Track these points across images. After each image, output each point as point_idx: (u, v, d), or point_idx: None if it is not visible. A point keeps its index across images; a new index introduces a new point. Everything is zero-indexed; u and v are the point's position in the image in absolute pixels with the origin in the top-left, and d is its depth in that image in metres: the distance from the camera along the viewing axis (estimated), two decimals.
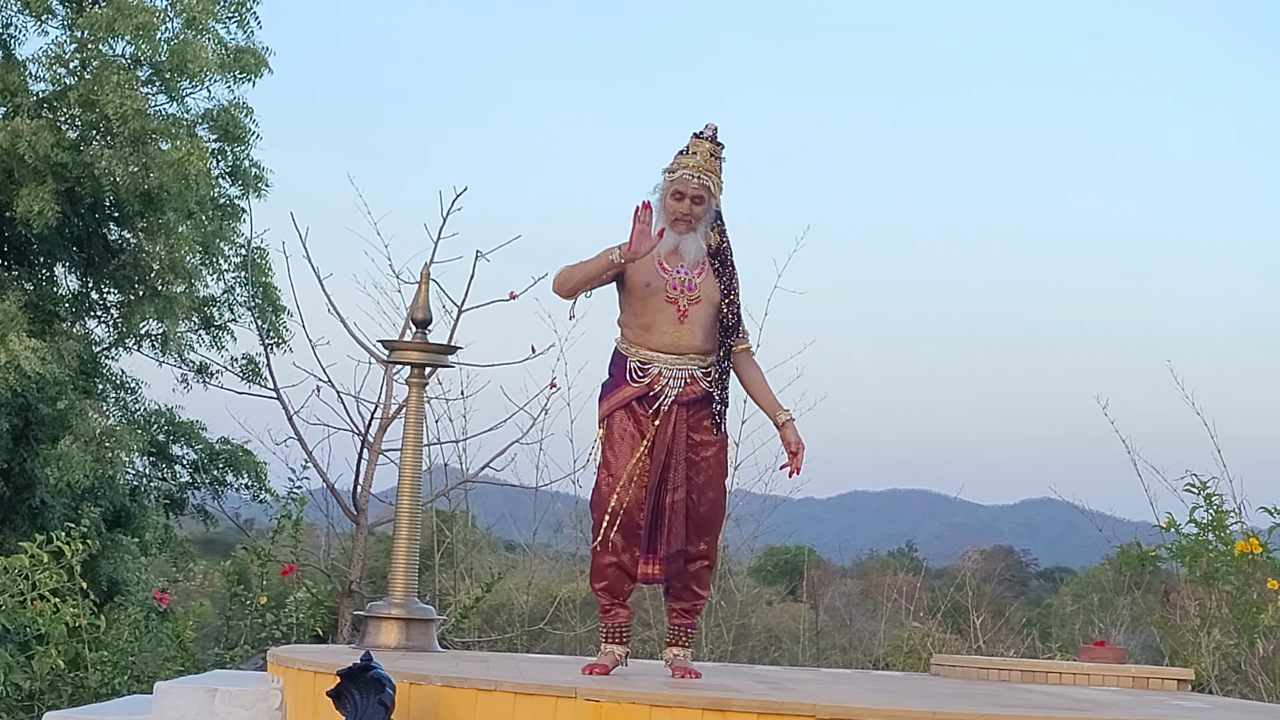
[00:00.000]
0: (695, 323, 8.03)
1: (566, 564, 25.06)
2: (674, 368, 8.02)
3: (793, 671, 10.18)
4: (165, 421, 19.80)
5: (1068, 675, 9.67)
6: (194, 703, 8.61)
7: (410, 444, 10.09)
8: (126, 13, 15.76)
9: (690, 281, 8.03)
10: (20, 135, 15.50)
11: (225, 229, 18.35)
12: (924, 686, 8.68)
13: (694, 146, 8.12)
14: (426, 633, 9.93)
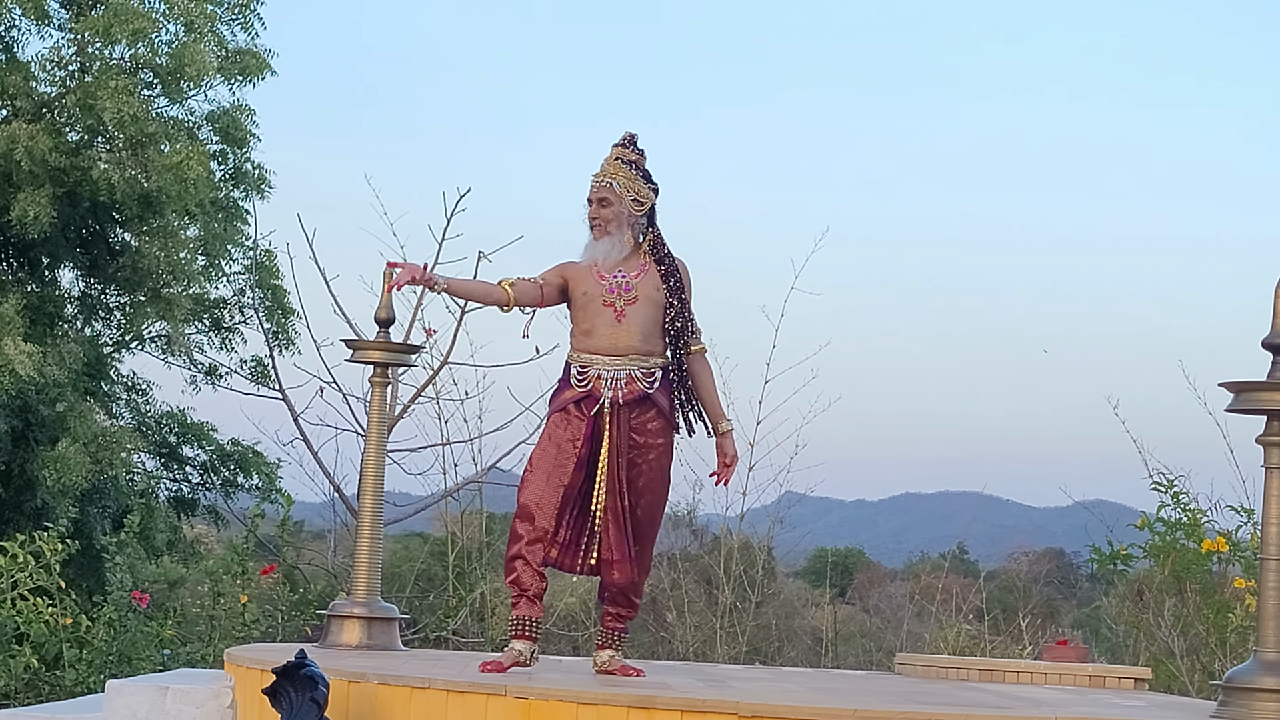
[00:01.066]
0: (633, 323, 8.02)
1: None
2: (612, 368, 8.02)
3: (755, 671, 10.18)
4: (176, 423, 19.93)
5: (1025, 674, 9.65)
6: (145, 701, 8.64)
7: (373, 443, 10.10)
8: (124, 17, 15.87)
9: (627, 283, 8.04)
10: (17, 140, 15.61)
11: (231, 231, 18.44)
12: (869, 685, 8.67)
13: (609, 154, 8.23)
14: (389, 631, 9.94)
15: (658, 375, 8.04)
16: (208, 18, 16.56)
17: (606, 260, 8.07)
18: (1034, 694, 8.28)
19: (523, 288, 8.24)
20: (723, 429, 8.17)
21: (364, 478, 10.13)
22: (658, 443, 8.05)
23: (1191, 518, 11.07)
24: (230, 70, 17.06)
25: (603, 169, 8.14)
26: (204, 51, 16.14)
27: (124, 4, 16.03)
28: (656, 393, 8.02)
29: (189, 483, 20.13)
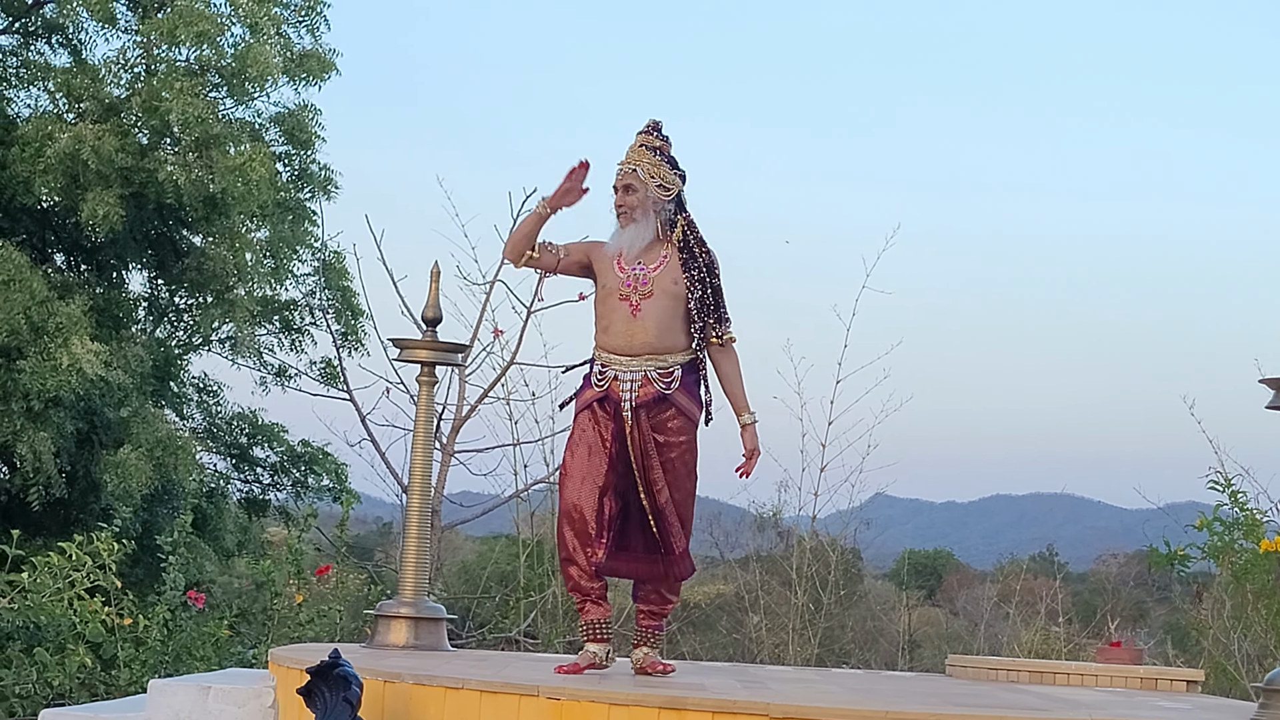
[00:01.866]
0: (649, 318, 7.88)
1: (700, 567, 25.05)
2: (628, 370, 7.91)
3: (803, 672, 10.09)
4: (247, 424, 20.03)
5: (1075, 676, 9.53)
6: (188, 700, 8.64)
7: (420, 443, 10.08)
8: (188, 19, 15.94)
9: (643, 277, 7.90)
10: (84, 140, 15.70)
11: (299, 233, 18.50)
12: (913, 687, 8.57)
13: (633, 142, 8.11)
14: (436, 631, 9.92)
15: (677, 374, 7.89)
16: (272, 19, 16.61)
17: (631, 249, 7.93)
18: (1078, 696, 8.16)
19: (543, 251, 8.19)
20: (744, 421, 8.01)
21: (411, 478, 10.12)
22: (679, 441, 7.92)
23: (1250, 517, 10.90)
24: (295, 72, 17.12)
25: (627, 156, 8.01)
26: (268, 53, 16.19)
27: (189, 6, 16.11)
28: (675, 393, 7.88)
29: (260, 483, 20.24)
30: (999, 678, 9.57)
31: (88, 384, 15.57)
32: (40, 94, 17.35)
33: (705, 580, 23.71)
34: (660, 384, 7.87)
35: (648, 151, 8.00)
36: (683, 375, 7.93)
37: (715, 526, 23.59)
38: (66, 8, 16.76)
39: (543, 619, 18.87)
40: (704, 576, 24.34)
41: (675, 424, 7.91)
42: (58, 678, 11.12)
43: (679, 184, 8.04)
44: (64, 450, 16.37)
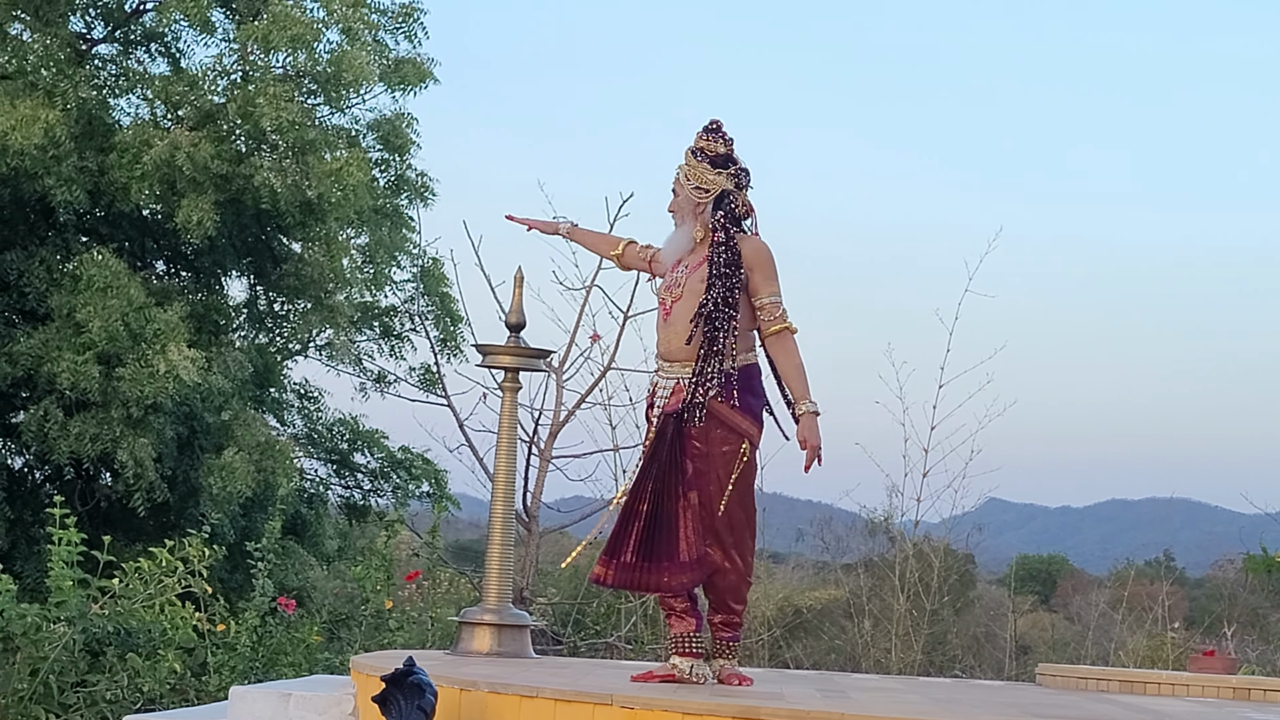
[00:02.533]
0: (678, 321, 7.71)
1: (810, 572, 24.97)
2: (662, 375, 7.80)
3: (888, 681, 9.96)
4: (348, 430, 20.09)
5: (1167, 685, 9.37)
6: (268, 707, 8.64)
7: (504, 448, 10.04)
8: (283, 25, 15.99)
9: (680, 279, 7.78)
10: (179, 147, 15.79)
11: (398, 239, 18.54)
12: (998, 696, 8.44)
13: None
14: (520, 638, 9.88)
15: (713, 381, 7.64)
16: (367, 25, 16.65)
17: (672, 252, 7.86)
18: (1164, 706, 8.01)
19: (631, 252, 8.24)
20: (800, 410, 7.71)
21: (495, 484, 10.08)
22: (721, 451, 7.63)
23: None
24: (391, 78, 17.14)
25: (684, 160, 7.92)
26: (363, 58, 16.22)
27: (284, 12, 16.17)
28: (712, 401, 7.62)
29: (360, 489, 20.29)
30: (1089, 687, 9.43)
31: (186, 390, 15.65)
32: (139, 101, 17.46)
33: (816, 585, 23.62)
34: (692, 390, 7.65)
35: (689, 154, 7.90)
36: (722, 383, 7.66)
37: (826, 531, 23.53)
38: (165, 16, 16.85)
39: (645, 625, 18.86)
40: (814, 581, 24.25)
41: (717, 433, 7.64)
42: (147, 683, 11.15)
43: (720, 184, 7.84)
44: (165, 456, 16.46)
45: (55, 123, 15.40)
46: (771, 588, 22.03)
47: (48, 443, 16.07)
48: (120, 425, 15.86)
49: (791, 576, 25.22)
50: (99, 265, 15.89)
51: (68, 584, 11.06)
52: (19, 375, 16.20)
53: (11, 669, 10.94)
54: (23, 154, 15.46)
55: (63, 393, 15.89)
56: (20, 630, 10.78)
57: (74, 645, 11.09)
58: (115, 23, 17.82)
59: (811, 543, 25.75)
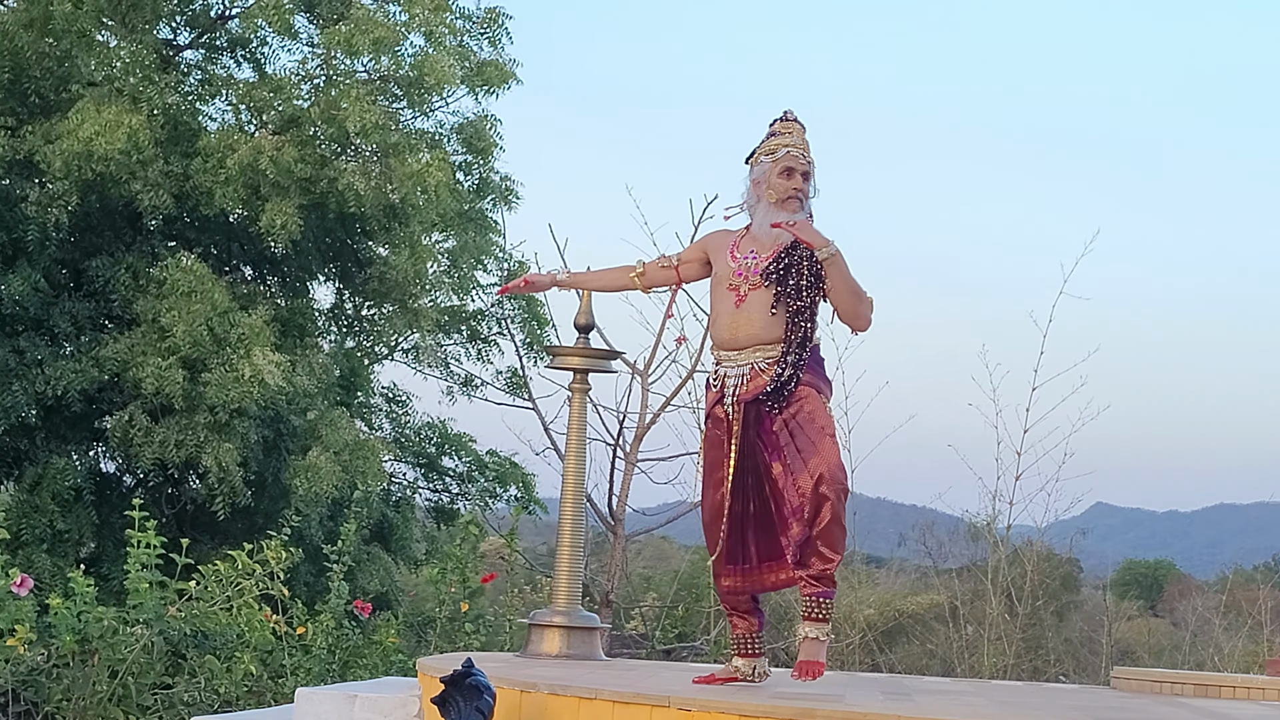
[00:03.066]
0: (754, 308, 7.50)
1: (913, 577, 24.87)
2: (735, 364, 7.53)
3: (960, 684, 9.86)
4: (436, 434, 20.14)
5: (1241, 690, 9.22)
6: (334, 709, 8.66)
7: (573, 451, 10.01)
8: (365, 30, 16.04)
9: (755, 266, 7.54)
10: (263, 151, 15.88)
11: (484, 243, 18.57)
12: (1067, 699, 8.33)
13: (784, 128, 7.73)
14: (589, 640, 9.84)
15: (791, 357, 7.42)
16: (449, 28, 16.68)
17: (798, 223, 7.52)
18: (1234, 711, 7.87)
19: (652, 272, 8.07)
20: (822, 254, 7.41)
21: (564, 487, 10.04)
22: (805, 408, 7.40)
23: None
24: (474, 81, 17.17)
25: (799, 143, 7.69)
26: (444, 62, 16.24)
27: (366, 16, 16.22)
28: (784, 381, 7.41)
29: (448, 493, 20.33)
30: (1162, 690, 9.31)
31: (270, 394, 15.72)
32: (224, 107, 17.58)
33: (919, 589, 23.51)
34: (771, 373, 7.45)
35: (808, 141, 7.74)
36: (795, 361, 7.46)
37: (928, 536, 23.41)
38: (249, 22, 16.96)
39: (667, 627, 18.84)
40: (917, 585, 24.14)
41: (794, 405, 7.42)
42: (223, 685, 11.20)
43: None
44: (250, 459, 16.54)
45: (139, 128, 15.50)
46: (872, 592, 21.96)
47: (133, 448, 16.18)
48: (205, 430, 15.95)
49: (894, 581, 25.13)
50: (183, 270, 15.99)
51: (144, 586, 11.12)
52: (105, 380, 16.31)
53: (90, 671, 11.02)
54: (108, 160, 15.58)
55: (148, 398, 16.00)
56: (97, 633, 10.84)
57: (152, 648, 11.15)
58: (201, 29, 17.95)
59: (913, 547, 25.65)
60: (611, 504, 17.40)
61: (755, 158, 7.76)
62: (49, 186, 16.14)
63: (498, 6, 17.75)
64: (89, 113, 15.66)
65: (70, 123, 15.74)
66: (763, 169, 7.69)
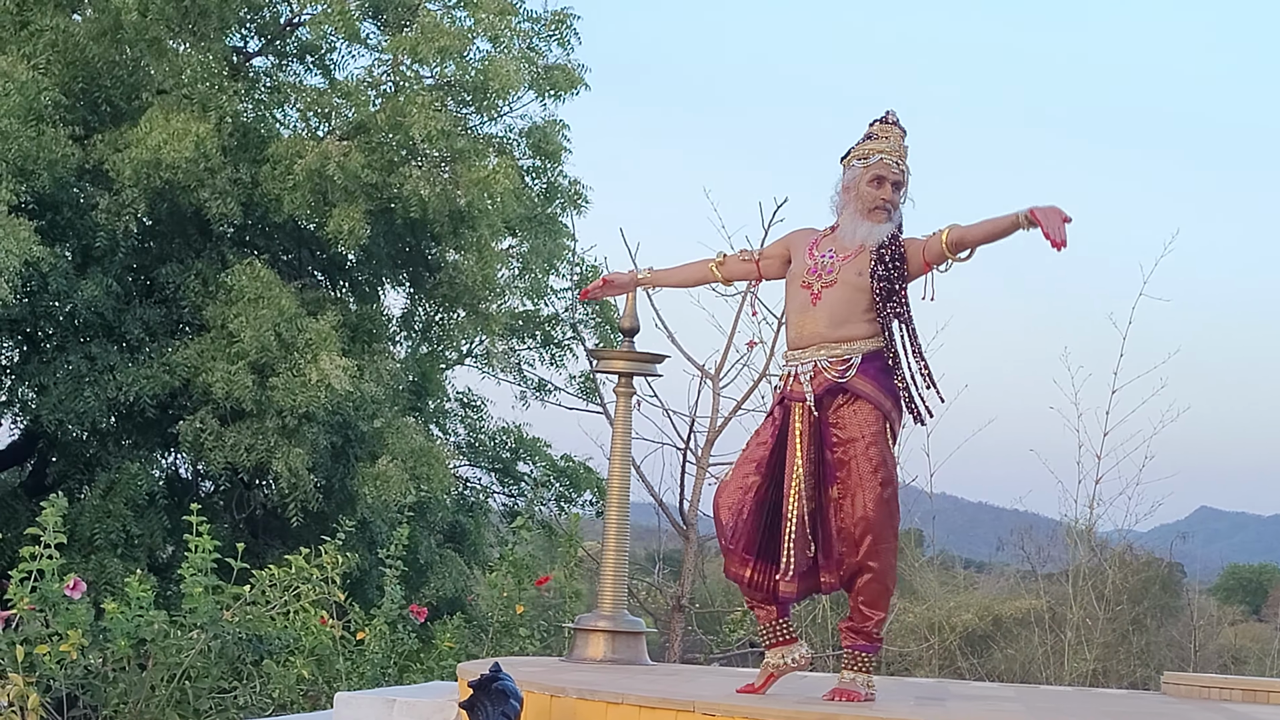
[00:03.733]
0: (824, 308, 7.35)
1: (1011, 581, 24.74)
2: (798, 362, 7.40)
3: (1004, 689, 9.76)
4: (510, 439, 20.18)
5: None
6: (372, 713, 8.65)
7: (618, 454, 9.97)
8: (431, 36, 16.09)
9: (830, 265, 7.41)
10: (329, 157, 15.94)
11: (555, 247, 18.59)
12: (1108, 705, 8.22)
13: (881, 131, 7.54)
14: (635, 645, 9.81)
15: (855, 361, 7.29)
16: (514, 33, 16.70)
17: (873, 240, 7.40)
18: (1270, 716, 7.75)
19: (732, 264, 7.97)
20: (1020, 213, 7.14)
21: (610, 490, 10.01)
22: (865, 435, 7.26)
23: None
24: (541, 86, 17.18)
25: (893, 149, 7.51)
26: (509, 67, 16.25)
27: (432, 23, 16.26)
28: (854, 380, 7.28)
29: (524, 497, 20.34)
30: (1210, 696, 9.17)
31: (338, 399, 15.78)
32: (292, 114, 17.66)
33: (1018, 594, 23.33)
34: (834, 372, 7.32)
35: (906, 146, 7.57)
36: (863, 363, 7.33)
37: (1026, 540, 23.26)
38: (316, 29, 17.03)
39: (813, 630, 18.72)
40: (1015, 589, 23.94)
41: (859, 416, 7.29)
42: (278, 690, 11.23)
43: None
44: (319, 465, 16.62)
45: (206, 136, 15.60)
46: (970, 596, 21.86)
47: (204, 452, 16.29)
48: (274, 435, 16.03)
49: (994, 585, 24.99)
50: (250, 276, 16.08)
51: (198, 590, 11.16)
52: (176, 385, 16.42)
53: (146, 675, 11.06)
54: (175, 168, 15.69)
55: (218, 402, 16.09)
56: (150, 636, 10.89)
57: (210, 652, 11.18)
58: (270, 37, 18.05)
59: (1013, 551, 25.52)
60: (683, 508, 17.38)
61: (849, 159, 7.60)
62: (119, 194, 16.25)
63: (566, 8, 17.77)
64: (158, 121, 15.78)
65: (139, 131, 15.88)
66: (854, 174, 7.54)
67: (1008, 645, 20.72)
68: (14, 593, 10.60)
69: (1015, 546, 24.36)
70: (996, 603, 22.45)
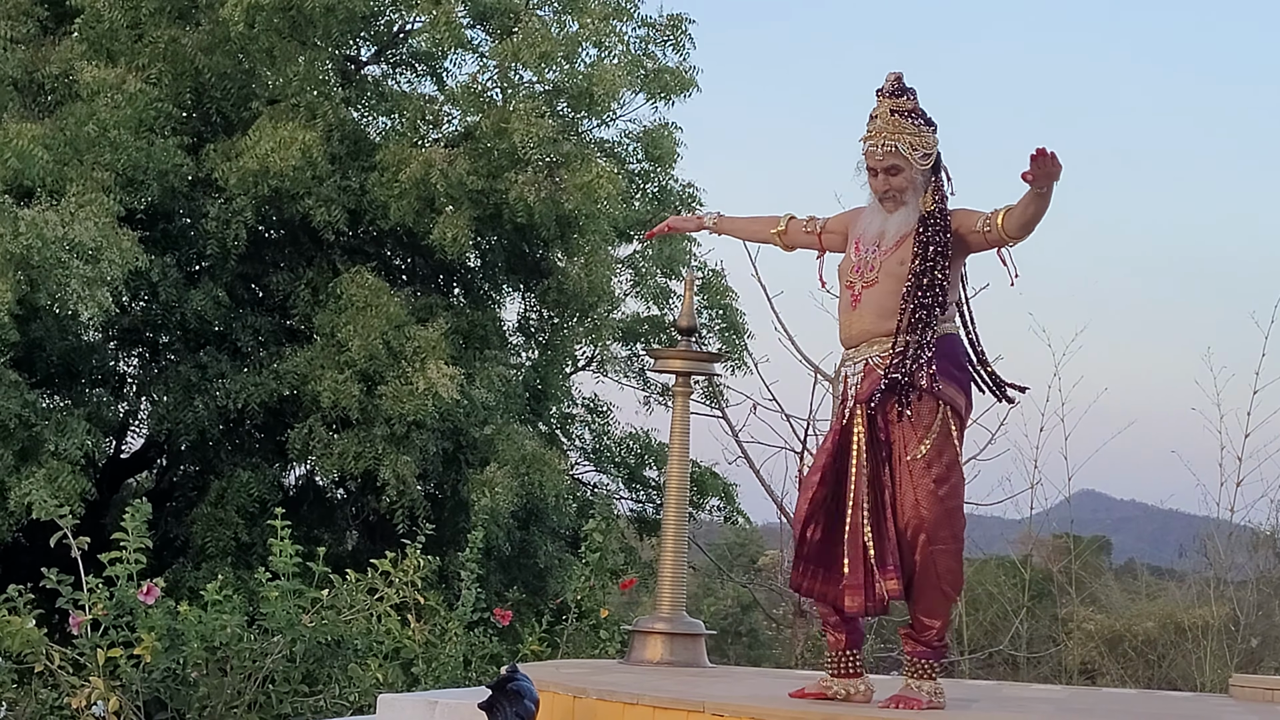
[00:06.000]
0: (868, 306, 6.93)
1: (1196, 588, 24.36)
2: (849, 363, 7.03)
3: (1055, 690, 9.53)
4: (637, 444, 20.12)
5: None
6: (415, 714, 8.65)
7: (676, 455, 9.87)
8: (532, 42, 16.10)
9: (872, 262, 6.97)
10: (433, 164, 16.00)
11: (679, 251, 18.53)
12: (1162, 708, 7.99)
13: (876, 109, 7.06)
14: (693, 647, 9.69)
15: (910, 352, 6.84)
16: (618, 37, 16.68)
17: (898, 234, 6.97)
18: None
19: (794, 232, 7.52)
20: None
21: (668, 491, 9.91)
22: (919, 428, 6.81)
23: None
24: (652, 89, 17.13)
25: (880, 130, 7.01)
26: (612, 71, 16.22)
27: (533, 29, 16.27)
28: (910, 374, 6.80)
29: (652, 503, 20.27)
30: (1274, 699, 8.88)
31: (446, 406, 15.81)
32: (400, 121, 17.75)
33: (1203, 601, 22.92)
34: (885, 366, 6.86)
35: (904, 119, 7.01)
36: (914, 354, 6.84)
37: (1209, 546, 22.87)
38: (423, 37, 17.12)
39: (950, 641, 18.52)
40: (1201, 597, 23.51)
41: (916, 413, 6.84)
42: (354, 694, 11.25)
43: (937, 144, 7.08)
44: (430, 471, 16.68)
45: (312, 144, 15.73)
46: (1152, 605, 21.53)
47: (313, 460, 16.41)
48: (382, 443, 16.10)
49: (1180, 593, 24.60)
50: (359, 284, 16.18)
51: (274, 595, 11.21)
52: (285, 394, 16.56)
53: (226, 680, 11.13)
54: (283, 175, 15.82)
55: (326, 411, 16.20)
56: (223, 640, 10.95)
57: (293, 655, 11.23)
58: (381, 45, 18.18)
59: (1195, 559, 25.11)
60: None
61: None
62: (228, 203, 16.42)
63: (682, 12, 17.73)
64: (266, 129, 15.94)
65: (249, 140, 16.05)
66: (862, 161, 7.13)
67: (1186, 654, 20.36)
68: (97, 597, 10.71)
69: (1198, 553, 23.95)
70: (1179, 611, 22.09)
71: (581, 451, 19.96)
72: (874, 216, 7.09)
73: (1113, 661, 19.46)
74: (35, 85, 16.86)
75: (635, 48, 17.27)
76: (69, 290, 14.44)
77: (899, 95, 7.07)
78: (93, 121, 15.65)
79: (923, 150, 7.00)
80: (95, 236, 14.53)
